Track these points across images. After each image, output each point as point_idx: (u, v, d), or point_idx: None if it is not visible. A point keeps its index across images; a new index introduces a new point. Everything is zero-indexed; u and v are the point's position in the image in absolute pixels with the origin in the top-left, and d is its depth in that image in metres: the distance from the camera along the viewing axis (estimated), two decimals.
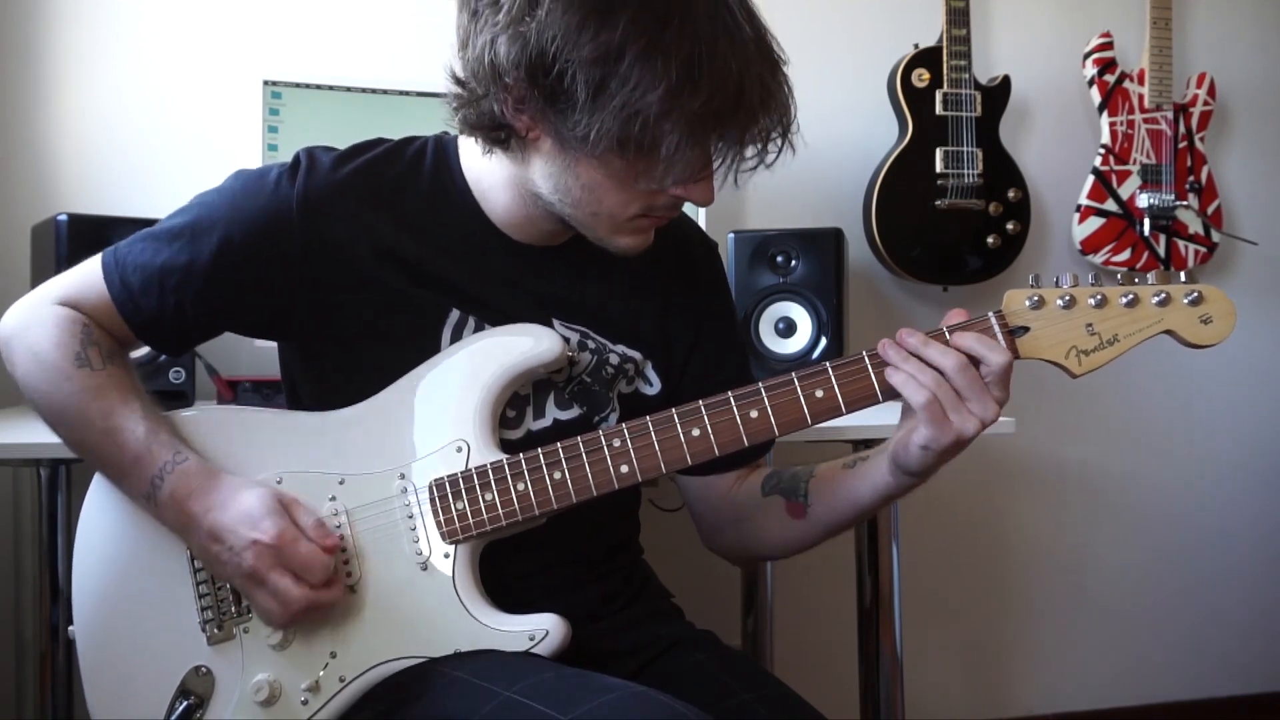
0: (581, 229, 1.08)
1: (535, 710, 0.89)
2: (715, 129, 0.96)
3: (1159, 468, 2.54)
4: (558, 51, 0.93)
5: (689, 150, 0.96)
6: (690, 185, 1.02)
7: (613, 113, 0.93)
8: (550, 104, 0.96)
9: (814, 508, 1.14)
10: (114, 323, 1.09)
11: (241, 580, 1.00)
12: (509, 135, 1.03)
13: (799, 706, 1.09)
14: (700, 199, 1.04)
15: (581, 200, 1.03)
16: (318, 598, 0.99)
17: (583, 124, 0.95)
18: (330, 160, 1.10)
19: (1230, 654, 2.57)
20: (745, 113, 0.96)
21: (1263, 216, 2.54)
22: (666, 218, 1.09)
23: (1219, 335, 1.00)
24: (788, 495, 1.16)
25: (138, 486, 1.03)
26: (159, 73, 2.01)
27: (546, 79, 0.94)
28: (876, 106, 2.29)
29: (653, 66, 0.92)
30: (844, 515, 1.13)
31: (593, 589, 1.15)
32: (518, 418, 1.11)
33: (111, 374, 1.06)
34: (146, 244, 1.09)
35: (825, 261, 1.92)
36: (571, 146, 0.98)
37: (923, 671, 2.32)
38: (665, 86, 0.92)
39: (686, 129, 0.94)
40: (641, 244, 1.09)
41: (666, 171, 0.98)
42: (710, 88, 0.93)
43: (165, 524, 1.03)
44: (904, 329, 1.02)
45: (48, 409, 1.06)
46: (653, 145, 0.95)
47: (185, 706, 1.03)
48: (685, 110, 0.93)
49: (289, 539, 0.98)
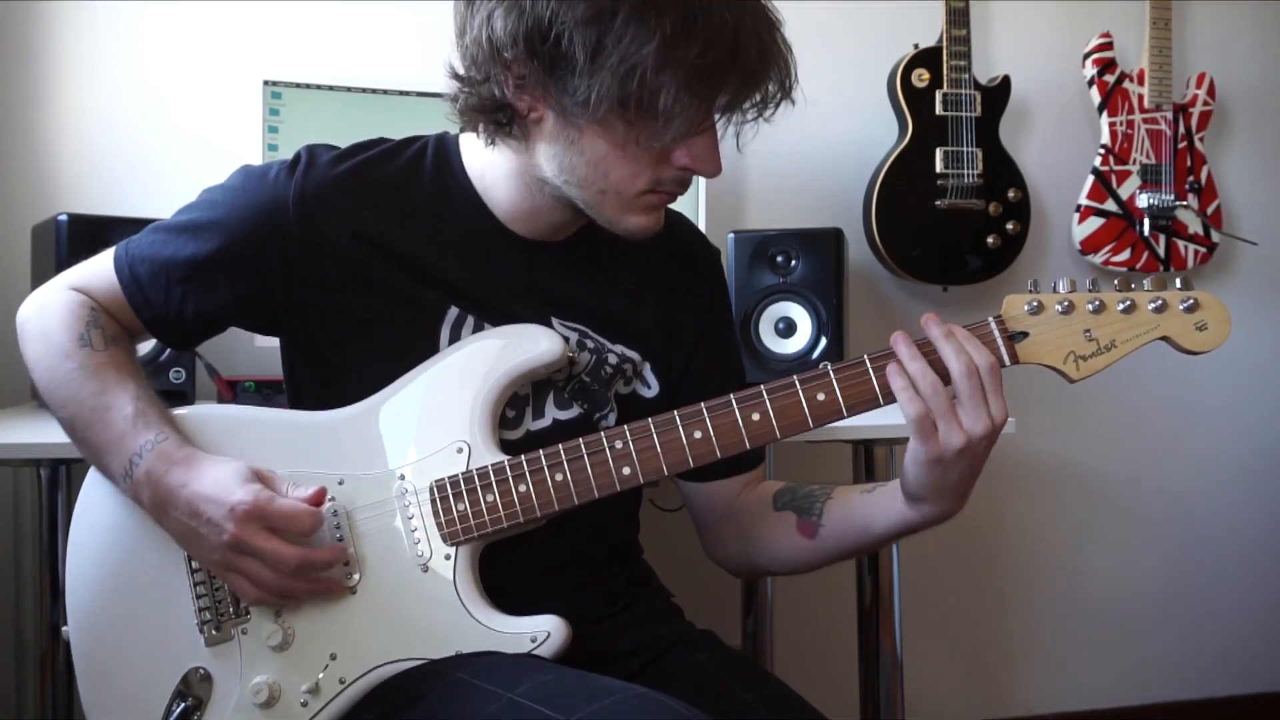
0: (590, 211, 1.07)
1: (538, 712, 0.89)
2: (713, 79, 0.97)
3: (1159, 468, 2.54)
4: (553, 16, 0.94)
5: (688, 102, 0.96)
6: (696, 152, 1.02)
7: (610, 70, 0.94)
8: (550, 74, 0.97)
9: (826, 529, 1.13)
10: (124, 313, 1.11)
11: (226, 552, 0.98)
12: (511, 118, 1.03)
13: (799, 706, 1.09)
14: (705, 168, 1.04)
15: (588, 177, 1.03)
16: (310, 555, 0.99)
17: (583, 88, 0.96)
18: (330, 157, 1.11)
19: (1229, 654, 2.57)
20: (742, 64, 0.97)
21: (1263, 216, 2.53)
22: (675, 193, 1.08)
23: (1214, 342, 1.01)
24: (801, 513, 1.15)
25: (117, 464, 1.02)
26: (159, 73, 2.01)
27: (544, 46, 0.96)
28: (876, 106, 2.29)
29: (647, 21, 0.93)
30: (854, 541, 1.13)
31: (593, 590, 1.15)
32: (517, 418, 1.11)
33: (112, 355, 1.07)
34: (156, 236, 1.11)
35: (825, 261, 1.92)
36: (574, 116, 0.99)
37: (923, 671, 2.32)
38: (660, 38, 0.93)
39: (684, 80, 0.95)
40: (652, 225, 1.08)
41: (667, 126, 0.98)
42: (705, 39, 0.94)
43: (143, 505, 1.02)
44: (899, 334, 1.01)
45: (47, 386, 1.08)
46: (651, 100, 0.95)
47: (183, 709, 1.02)
48: (682, 61, 0.94)
49: (266, 498, 0.98)
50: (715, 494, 1.23)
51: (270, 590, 1.00)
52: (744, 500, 1.22)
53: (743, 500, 1.22)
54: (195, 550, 1.02)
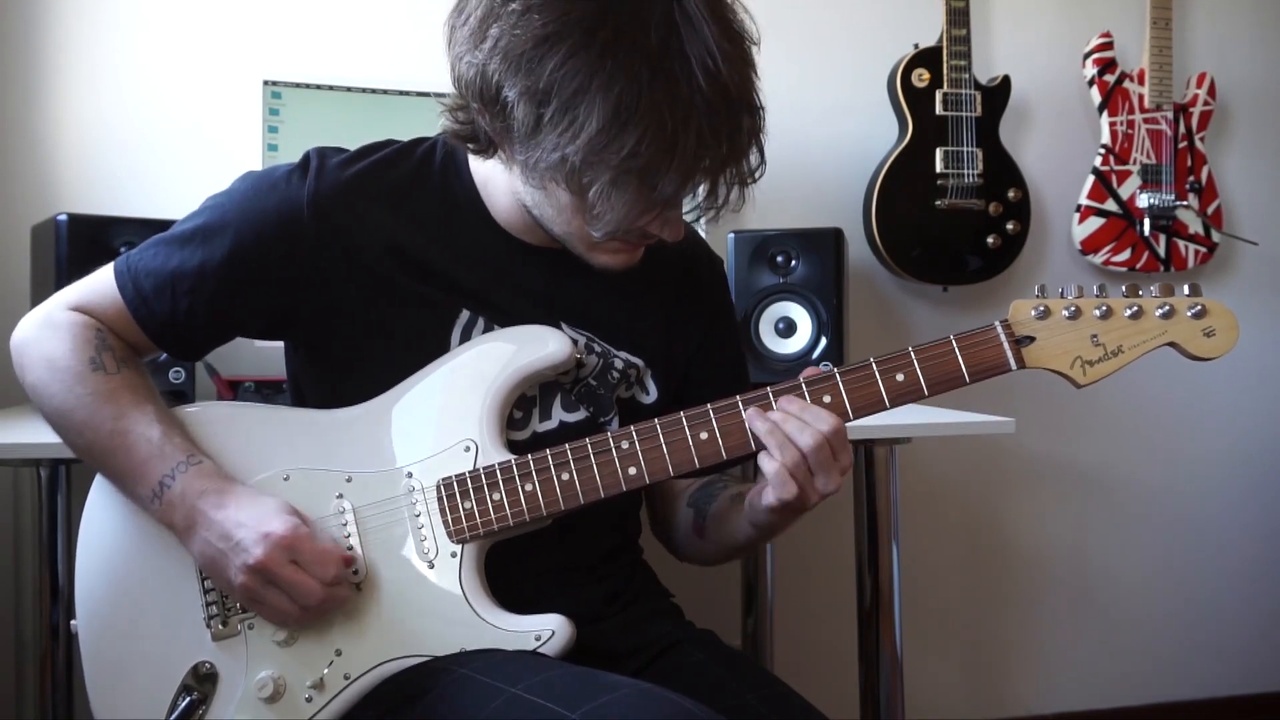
0: (563, 243, 1.08)
1: (542, 707, 0.89)
2: (643, 180, 0.94)
3: (1159, 467, 2.54)
4: (500, 80, 0.94)
5: (619, 199, 0.95)
6: (650, 225, 1.01)
7: (545, 151, 0.94)
8: (506, 127, 0.97)
9: (709, 531, 1.18)
10: (129, 329, 1.09)
11: (250, 577, 0.98)
12: (489, 145, 1.04)
13: (799, 706, 1.09)
14: (665, 235, 1.04)
15: (554, 218, 1.05)
16: (332, 593, 0.99)
17: (529, 154, 0.96)
18: (340, 160, 1.11)
19: (1230, 654, 2.58)
20: (679, 165, 0.93)
21: (1263, 216, 2.54)
22: (641, 244, 1.08)
23: (1221, 349, 1.02)
24: (698, 512, 1.19)
25: (144, 486, 1.02)
26: (159, 73, 2.00)
27: (495, 106, 0.96)
28: (876, 106, 2.29)
29: (575, 114, 0.91)
30: (729, 546, 1.17)
31: (595, 589, 1.15)
32: (524, 419, 1.11)
33: (126, 378, 1.06)
34: (159, 249, 1.09)
35: (825, 261, 1.92)
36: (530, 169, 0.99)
37: (923, 671, 2.32)
38: (586, 137, 0.91)
39: (610, 179, 0.93)
40: (623, 263, 1.09)
41: (599, 217, 0.97)
42: (636, 139, 0.91)
43: (168, 524, 1.02)
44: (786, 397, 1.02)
45: (58, 412, 1.06)
46: (583, 190, 0.95)
47: (188, 703, 1.02)
48: (607, 162, 0.92)
49: (303, 534, 0.98)
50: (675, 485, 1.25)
51: (290, 622, 1.01)
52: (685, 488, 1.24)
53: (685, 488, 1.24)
54: (217, 575, 1.01)
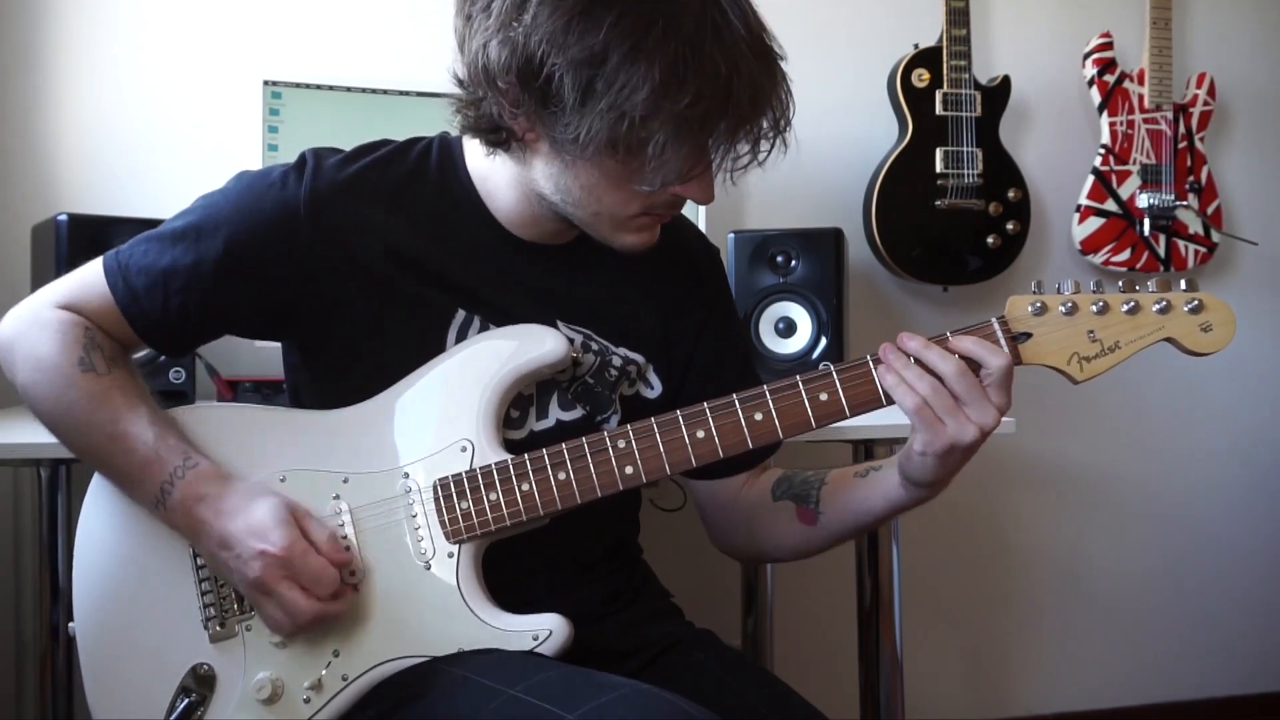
0: (585, 228, 1.08)
1: (540, 708, 0.89)
2: (703, 128, 0.96)
3: (1159, 467, 2.54)
4: (544, 55, 0.94)
5: (677, 150, 0.96)
6: (688, 186, 1.02)
7: (600, 114, 0.93)
8: (542, 107, 0.97)
9: (825, 515, 1.15)
10: (117, 326, 1.09)
11: (248, 589, 0.99)
12: (509, 137, 1.03)
13: (800, 706, 1.09)
14: (699, 197, 1.04)
15: (582, 200, 1.04)
16: (325, 610, 0.99)
17: (573, 126, 0.95)
18: (336, 160, 1.11)
19: (1230, 654, 2.57)
20: (734, 112, 0.96)
21: (1263, 216, 2.54)
22: (669, 215, 1.09)
23: (1219, 343, 1.02)
24: (799, 501, 1.16)
25: (148, 492, 1.02)
26: (159, 73, 2.00)
27: (536, 82, 0.95)
28: (876, 106, 2.29)
29: (637, 68, 0.92)
30: (856, 523, 1.14)
31: (594, 589, 1.15)
32: (521, 418, 1.11)
33: (116, 378, 1.05)
34: (150, 245, 1.08)
35: (825, 261, 1.92)
36: (566, 149, 0.99)
37: (923, 671, 2.32)
38: (650, 87, 0.92)
39: (673, 129, 0.94)
40: (647, 241, 1.09)
41: (656, 171, 0.98)
42: (696, 87, 0.93)
43: (174, 529, 1.03)
44: (904, 333, 1.02)
45: (51, 415, 1.06)
46: (640, 146, 0.95)
47: (186, 704, 1.02)
48: (671, 111, 0.93)
49: (299, 551, 0.98)
50: (719, 489, 1.23)
51: (281, 634, 1.01)
52: (747, 493, 1.22)
53: (746, 493, 1.22)
54: (225, 578, 1.03)
